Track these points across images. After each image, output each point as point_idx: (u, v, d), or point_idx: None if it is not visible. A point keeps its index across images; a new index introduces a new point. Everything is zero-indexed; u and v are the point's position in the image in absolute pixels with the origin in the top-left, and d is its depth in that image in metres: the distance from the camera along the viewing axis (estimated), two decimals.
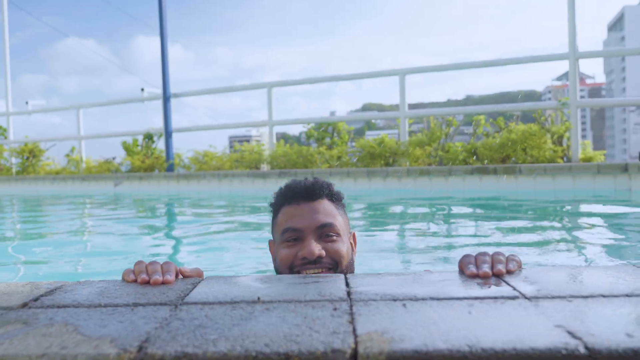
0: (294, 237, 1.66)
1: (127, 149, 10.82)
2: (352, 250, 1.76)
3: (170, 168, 9.68)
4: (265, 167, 9.31)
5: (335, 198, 1.77)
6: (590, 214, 5.56)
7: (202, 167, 9.65)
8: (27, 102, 12.41)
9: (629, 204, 6.00)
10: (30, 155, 11.71)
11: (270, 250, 1.84)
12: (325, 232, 1.65)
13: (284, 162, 8.97)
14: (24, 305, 1.11)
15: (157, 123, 9.95)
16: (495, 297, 1.04)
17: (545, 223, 4.88)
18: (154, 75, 10.15)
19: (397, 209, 6.50)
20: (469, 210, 6.29)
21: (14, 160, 12.08)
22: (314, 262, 1.60)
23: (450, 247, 3.43)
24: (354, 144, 9.27)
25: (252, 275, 1.29)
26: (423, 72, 8.56)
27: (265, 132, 9.31)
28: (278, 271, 1.70)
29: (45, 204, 8.71)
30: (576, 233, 4.33)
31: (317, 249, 1.60)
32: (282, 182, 6.45)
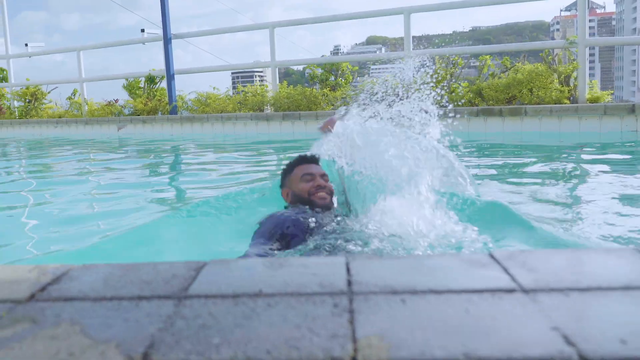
0: (309, 178, 2.61)
1: (130, 90, 10.74)
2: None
3: (174, 111, 9.63)
4: (269, 109, 9.25)
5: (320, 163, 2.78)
6: (595, 160, 5.54)
7: (205, 109, 9.59)
8: (26, 44, 12.23)
9: (635, 147, 5.97)
10: (32, 98, 11.65)
11: (283, 194, 2.71)
12: (324, 177, 2.66)
13: (287, 104, 8.90)
14: (32, 297, 1.13)
15: (159, 60, 9.81)
16: (493, 291, 1.05)
17: (548, 168, 4.87)
18: (156, 12, 9.94)
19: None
20: (473, 153, 6.26)
21: (15, 103, 12.03)
22: (323, 188, 2.57)
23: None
24: (358, 83, 9.16)
25: (255, 260, 1.30)
26: (429, 10, 8.34)
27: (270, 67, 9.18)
28: (293, 201, 2.61)
29: (50, 148, 8.74)
30: (580, 179, 4.32)
31: (323, 182, 2.61)
32: (286, 125, 6.43)
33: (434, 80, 7.93)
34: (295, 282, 1.14)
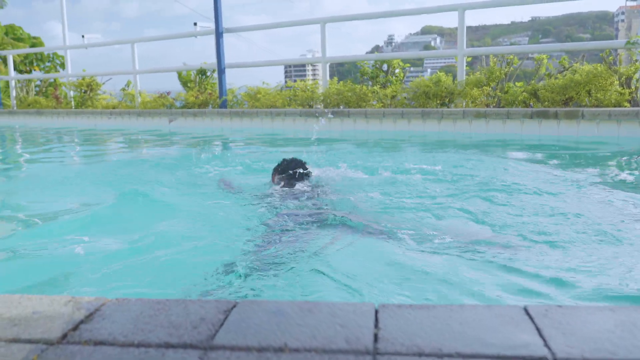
0: None
1: (184, 81, 10.92)
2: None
3: (224, 105, 9.73)
4: (318, 106, 9.23)
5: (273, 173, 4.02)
6: None
7: (254, 104, 9.65)
8: (83, 36, 12.59)
9: None
10: (87, 89, 12.00)
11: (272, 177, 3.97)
12: None
13: (337, 101, 8.87)
14: (64, 336, 1.15)
15: (212, 49, 9.91)
16: (524, 357, 1.01)
17: (606, 176, 4.68)
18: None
19: (451, 153, 6.36)
20: (526, 156, 6.09)
21: (71, 93, 12.42)
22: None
23: (502, 200, 3.34)
24: (409, 82, 9.04)
25: (284, 305, 1.29)
26: (484, 7, 8.13)
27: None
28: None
29: (106, 140, 8.97)
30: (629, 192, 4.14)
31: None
32: (334, 122, 6.39)
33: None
34: (321, 334, 1.12)
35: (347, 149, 6.84)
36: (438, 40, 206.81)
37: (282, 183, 3.92)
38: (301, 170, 3.95)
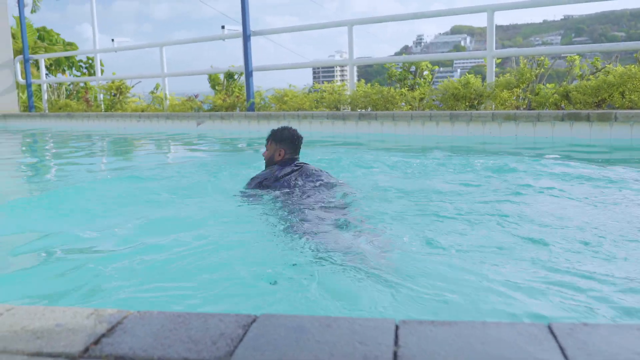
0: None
1: (213, 83, 11.01)
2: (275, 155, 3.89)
3: (251, 108, 9.77)
4: (346, 108, 9.21)
5: (269, 138, 3.95)
6: None
7: (282, 106, 9.67)
8: (112, 40, 12.79)
9: None
10: (117, 92, 12.18)
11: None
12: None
13: (364, 103, 8.83)
14: (85, 350, 1.15)
15: (240, 51, 9.92)
16: None
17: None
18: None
19: (481, 157, 6.28)
20: (557, 160, 5.97)
21: (101, 96, 12.61)
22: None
23: (531, 207, 3.27)
24: (438, 84, 8.96)
25: (304, 320, 1.27)
26: (514, 8, 8.01)
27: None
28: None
29: (137, 143, 9.08)
30: None
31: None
32: (362, 125, 6.38)
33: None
34: (340, 352, 1.10)
35: (370, 152, 6.80)
36: (468, 39, 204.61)
37: (282, 153, 3.84)
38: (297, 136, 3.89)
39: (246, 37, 9.68)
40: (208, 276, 2.32)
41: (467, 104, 8.14)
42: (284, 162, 3.83)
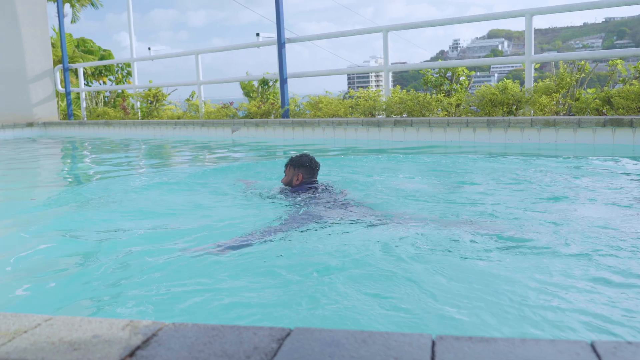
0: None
1: (247, 92, 11.08)
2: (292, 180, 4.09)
3: (286, 114, 9.79)
4: (381, 114, 9.15)
5: (288, 164, 4.16)
6: None
7: (316, 113, 9.66)
8: (149, 48, 12.99)
9: None
10: (154, 99, 12.36)
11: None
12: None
13: (400, 110, 8.76)
14: None
15: (275, 57, 9.96)
16: None
17: None
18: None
19: (518, 164, 6.14)
20: (598, 167, 5.81)
21: (138, 104, 12.82)
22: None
23: (572, 219, 3.17)
24: (475, 89, 8.84)
25: (339, 334, 1.23)
26: (553, 12, 7.85)
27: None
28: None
29: (172, 149, 9.18)
30: None
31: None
32: (397, 131, 6.33)
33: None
34: None
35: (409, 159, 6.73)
36: (506, 44, 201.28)
37: (300, 178, 4.05)
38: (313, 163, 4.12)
39: (280, 45, 9.71)
40: (242, 284, 2.30)
41: (504, 109, 8.00)
42: (300, 185, 4.06)
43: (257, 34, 10.41)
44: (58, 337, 1.32)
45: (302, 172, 4.05)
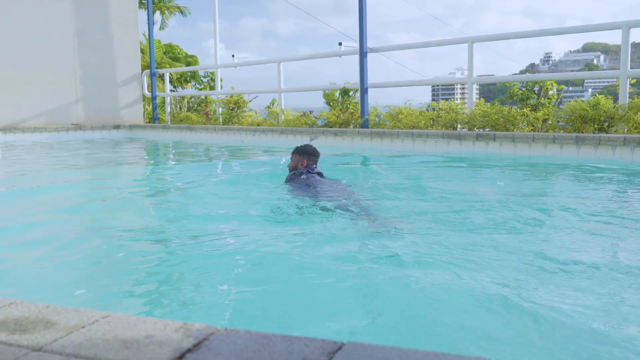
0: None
1: (328, 99, 11.10)
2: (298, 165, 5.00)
3: (365, 124, 9.72)
4: (464, 127, 8.90)
5: (294, 151, 5.10)
6: None
7: (396, 124, 9.53)
8: (233, 55, 13.29)
9: None
10: (235, 106, 12.61)
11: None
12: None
13: (482, 123, 8.49)
14: None
15: (356, 66, 9.90)
16: None
17: None
18: (368, 16, 10.08)
19: (609, 184, 5.78)
20: None
21: (219, 110, 13.12)
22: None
23: None
24: (564, 104, 8.43)
25: (390, 350, 1.13)
26: None
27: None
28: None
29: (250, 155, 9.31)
30: None
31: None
32: (479, 145, 6.14)
33: None
34: None
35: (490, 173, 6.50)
36: (602, 58, 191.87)
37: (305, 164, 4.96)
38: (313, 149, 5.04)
39: (362, 54, 9.66)
40: (298, 290, 2.24)
41: (595, 126, 7.58)
42: (304, 169, 4.97)
43: (340, 43, 10.41)
44: (113, 334, 1.33)
45: (306, 159, 5.01)
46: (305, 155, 5.01)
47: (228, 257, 2.73)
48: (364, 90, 9.73)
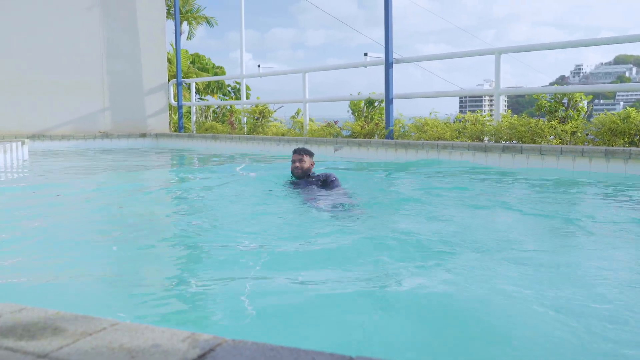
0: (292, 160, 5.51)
1: (354, 109, 11.07)
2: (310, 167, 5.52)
3: (390, 135, 9.65)
4: (491, 139, 8.78)
5: (308, 153, 5.52)
6: None
7: (421, 135, 9.45)
8: (258, 65, 13.34)
9: None
10: (260, 115, 12.66)
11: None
12: (300, 162, 5.42)
13: (509, 135, 8.36)
14: None
15: (382, 77, 9.84)
16: None
17: None
18: (396, 27, 10.02)
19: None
20: None
21: (244, 120, 13.18)
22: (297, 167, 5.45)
23: None
24: (594, 117, 8.26)
25: None
26: None
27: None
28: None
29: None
30: None
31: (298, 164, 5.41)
32: (505, 157, 6.05)
33: None
34: None
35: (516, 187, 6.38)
36: (634, 70, 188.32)
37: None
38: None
39: (388, 65, 9.61)
40: (309, 308, 2.19)
41: (626, 139, 7.40)
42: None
43: (365, 54, 10.38)
44: (119, 343, 1.31)
45: (313, 161, 5.60)
46: (312, 157, 5.58)
47: (242, 267, 2.70)
48: (389, 101, 9.67)
